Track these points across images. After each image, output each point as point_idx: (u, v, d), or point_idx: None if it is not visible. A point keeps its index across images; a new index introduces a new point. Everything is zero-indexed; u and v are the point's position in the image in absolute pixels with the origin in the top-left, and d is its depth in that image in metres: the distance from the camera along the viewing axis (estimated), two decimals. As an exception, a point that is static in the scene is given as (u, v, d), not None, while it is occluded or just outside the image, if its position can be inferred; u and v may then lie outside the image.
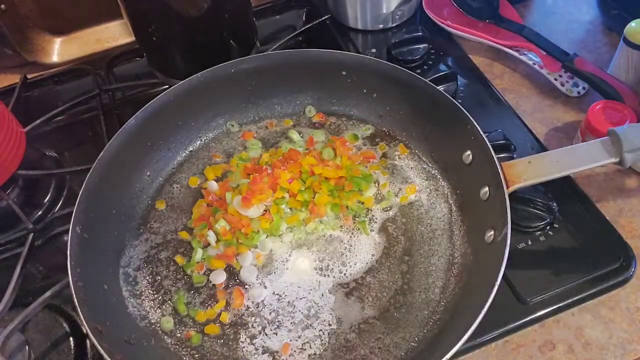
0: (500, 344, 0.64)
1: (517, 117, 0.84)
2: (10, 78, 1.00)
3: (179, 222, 0.75)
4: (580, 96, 0.86)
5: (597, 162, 0.64)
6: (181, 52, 0.88)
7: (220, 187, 0.77)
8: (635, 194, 0.75)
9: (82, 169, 0.75)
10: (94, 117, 0.91)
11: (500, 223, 0.61)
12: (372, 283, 0.68)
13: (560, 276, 0.67)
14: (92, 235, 0.66)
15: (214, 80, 0.79)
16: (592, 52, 0.93)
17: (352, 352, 0.63)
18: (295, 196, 0.74)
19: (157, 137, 0.78)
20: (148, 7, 0.81)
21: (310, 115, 0.85)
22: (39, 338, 0.66)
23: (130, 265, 0.71)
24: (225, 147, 0.83)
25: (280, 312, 0.66)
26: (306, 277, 0.69)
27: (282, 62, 0.81)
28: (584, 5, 1.02)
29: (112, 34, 1.04)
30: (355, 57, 0.80)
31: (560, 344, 0.63)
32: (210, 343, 0.65)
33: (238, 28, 0.90)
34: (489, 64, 0.93)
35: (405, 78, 0.76)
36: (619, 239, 0.69)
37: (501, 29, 0.92)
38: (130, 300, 0.68)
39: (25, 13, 0.97)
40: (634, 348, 0.62)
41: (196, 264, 0.70)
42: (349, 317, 0.65)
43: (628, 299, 0.66)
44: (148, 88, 0.95)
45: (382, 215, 0.73)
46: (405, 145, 0.80)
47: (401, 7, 0.97)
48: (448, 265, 0.68)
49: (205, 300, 0.68)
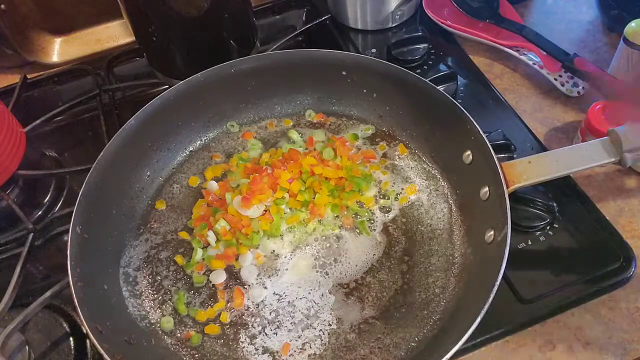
0: (500, 344, 0.64)
1: (517, 117, 0.84)
2: (10, 78, 1.00)
3: (179, 222, 0.75)
4: (580, 96, 0.86)
5: (597, 162, 0.64)
6: (181, 52, 0.88)
7: (220, 187, 0.77)
8: (635, 194, 0.75)
9: (82, 169, 0.75)
10: (94, 117, 0.91)
11: (500, 223, 0.61)
12: (372, 283, 0.68)
13: (560, 276, 0.67)
14: (92, 235, 0.66)
15: (214, 80, 0.79)
16: (592, 52, 0.93)
17: (352, 352, 0.63)
18: (295, 196, 0.74)
19: (157, 137, 0.78)
20: (148, 7, 0.81)
21: (310, 118, 0.85)
22: (39, 338, 0.66)
23: (130, 265, 0.71)
24: (225, 147, 0.83)
25: (280, 312, 0.66)
26: (306, 277, 0.69)
27: (282, 62, 0.81)
28: (584, 5, 1.02)
29: (112, 34, 1.04)
30: (355, 57, 0.80)
31: (560, 344, 0.63)
32: (210, 343, 0.65)
33: (238, 28, 0.90)
34: (489, 64, 0.93)
35: (406, 78, 0.76)
36: (619, 239, 0.69)
37: (501, 29, 0.92)
38: (130, 300, 0.68)
39: (25, 13, 0.97)
40: (634, 348, 0.62)
41: (196, 264, 0.70)
42: (349, 317, 0.65)
43: (628, 299, 0.66)
44: (148, 88, 0.95)
45: (382, 216, 0.73)
46: (405, 145, 0.80)
47: (401, 7, 0.97)
48: (448, 265, 0.68)
49: (205, 300, 0.68)
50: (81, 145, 0.92)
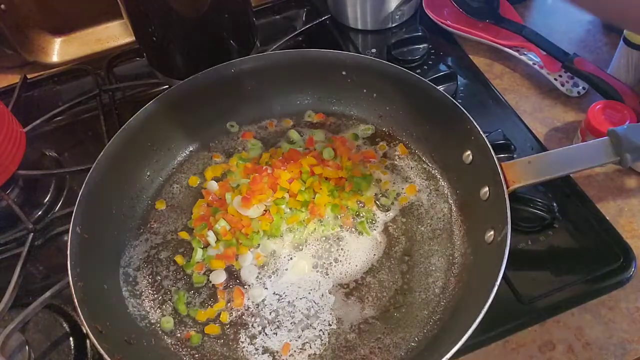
0: (500, 344, 0.63)
1: (517, 117, 0.84)
2: (10, 78, 1.00)
3: (179, 222, 0.75)
4: (580, 96, 0.86)
5: (597, 162, 0.64)
6: (181, 52, 0.88)
7: (220, 187, 0.77)
8: (635, 194, 0.75)
9: (82, 169, 0.75)
10: (94, 117, 0.91)
11: (500, 223, 0.61)
12: (372, 283, 0.68)
13: (560, 276, 0.67)
14: (92, 235, 0.66)
15: (214, 80, 0.79)
16: (592, 52, 0.93)
17: (352, 352, 0.63)
18: (295, 196, 0.74)
19: (157, 137, 0.78)
20: (148, 7, 0.81)
21: (310, 118, 0.85)
22: (39, 338, 0.66)
23: (130, 265, 0.71)
24: (225, 147, 0.83)
25: (280, 312, 0.66)
26: (306, 277, 0.69)
27: (282, 62, 0.81)
28: (584, 5, 1.02)
29: (112, 34, 1.04)
30: (355, 57, 0.80)
31: (560, 344, 0.63)
32: (210, 343, 0.65)
33: (238, 28, 0.90)
34: (489, 64, 0.93)
35: (406, 78, 0.76)
36: (619, 239, 0.69)
37: (501, 29, 0.92)
38: (130, 300, 0.68)
39: (25, 13, 0.97)
40: (634, 348, 0.62)
41: (196, 264, 0.70)
42: (349, 317, 0.65)
43: (628, 299, 0.66)
44: (148, 88, 0.95)
45: (382, 216, 0.73)
46: (405, 145, 0.80)
47: (401, 7, 0.97)
48: (448, 265, 0.68)
49: (205, 300, 0.68)
50: (81, 145, 0.91)
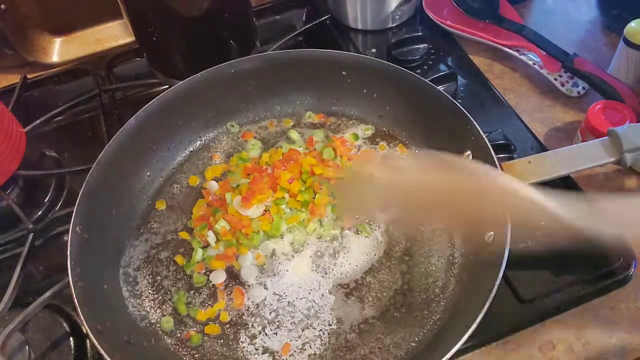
0: (500, 344, 0.63)
1: (517, 117, 0.84)
2: (10, 78, 1.00)
3: (179, 222, 0.75)
4: (580, 96, 0.86)
5: (597, 162, 0.64)
6: (181, 52, 0.88)
7: (220, 187, 0.77)
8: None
9: (82, 169, 0.75)
10: (94, 117, 0.91)
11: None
12: (372, 283, 0.68)
13: (560, 276, 0.66)
14: (92, 235, 0.66)
15: (214, 80, 0.79)
16: (592, 52, 0.93)
17: (352, 352, 0.63)
18: (296, 196, 0.74)
19: (157, 137, 0.78)
20: (148, 7, 0.81)
21: (310, 118, 0.85)
22: (39, 338, 0.66)
23: (130, 265, 0.71)
24: (225, 147, 0.83)
25: (280, 312, 0.66)
26: (306, 277, 0.68)
27: (282, 62, 0.81)
28: (584, 5, 1.02)
29: (112, 34, 1.04)
30: (355, 57, 0.80)
31: (560, 344, 0.63)
32: (210, 343, 0.65)
33: (238, 28, 0.90)
34: (489, 64, 0.93)
35: (406, 78, 0.76)
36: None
37: (501, 29, 0.92)
38: (130, 300, 0.68)
39: (25, 13, 0.97)
40: (634, 348, 0.62)
41: (196, 264, 0.70)
42: (349, 317, 0.65)
43: (628, 299, 0.65)
44: (148, 88, 0.95)
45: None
46: (405, 145, 0.80)
47: (401, 7, 0.97)
48: (448, 265, 0.68)
49: (205, 300, 0.68)
50: (81, 145, 0.91)
